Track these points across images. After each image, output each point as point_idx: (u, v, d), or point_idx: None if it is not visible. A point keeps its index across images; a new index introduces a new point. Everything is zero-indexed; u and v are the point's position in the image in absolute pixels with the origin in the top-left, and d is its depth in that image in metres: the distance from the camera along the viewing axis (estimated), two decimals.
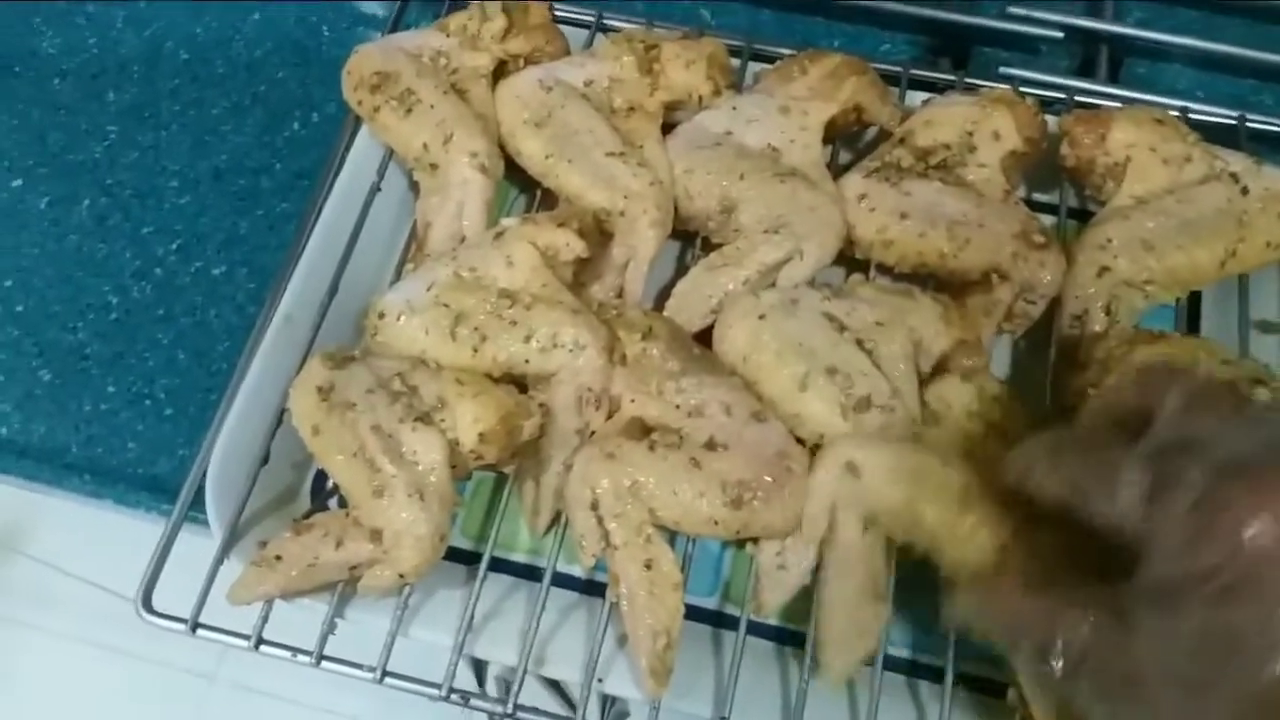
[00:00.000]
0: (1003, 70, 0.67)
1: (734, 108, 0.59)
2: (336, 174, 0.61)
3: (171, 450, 0.60)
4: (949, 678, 0.48)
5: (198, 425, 0.59)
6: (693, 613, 0.51)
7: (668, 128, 0.60)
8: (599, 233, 0.57)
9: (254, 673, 1.35)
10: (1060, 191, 0.61)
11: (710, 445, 0.49)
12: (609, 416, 0.52)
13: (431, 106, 0.59)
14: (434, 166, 0.59)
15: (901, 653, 0.52)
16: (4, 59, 0.74)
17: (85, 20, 0.75)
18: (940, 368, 0.51)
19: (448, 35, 0.63)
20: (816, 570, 0.49)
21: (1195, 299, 0.59)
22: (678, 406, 0.51)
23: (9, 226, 0.68)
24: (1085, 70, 0.69)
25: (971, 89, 0.62)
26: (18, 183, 0.69)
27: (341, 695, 1.25)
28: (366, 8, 0.76)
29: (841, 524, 0.48)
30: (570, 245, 0.54)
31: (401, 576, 0.48)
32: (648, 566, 0.48)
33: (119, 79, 0.73)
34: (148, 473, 0.60)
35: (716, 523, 0.48)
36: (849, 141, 0.63)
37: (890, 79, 0.62)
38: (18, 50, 0.74)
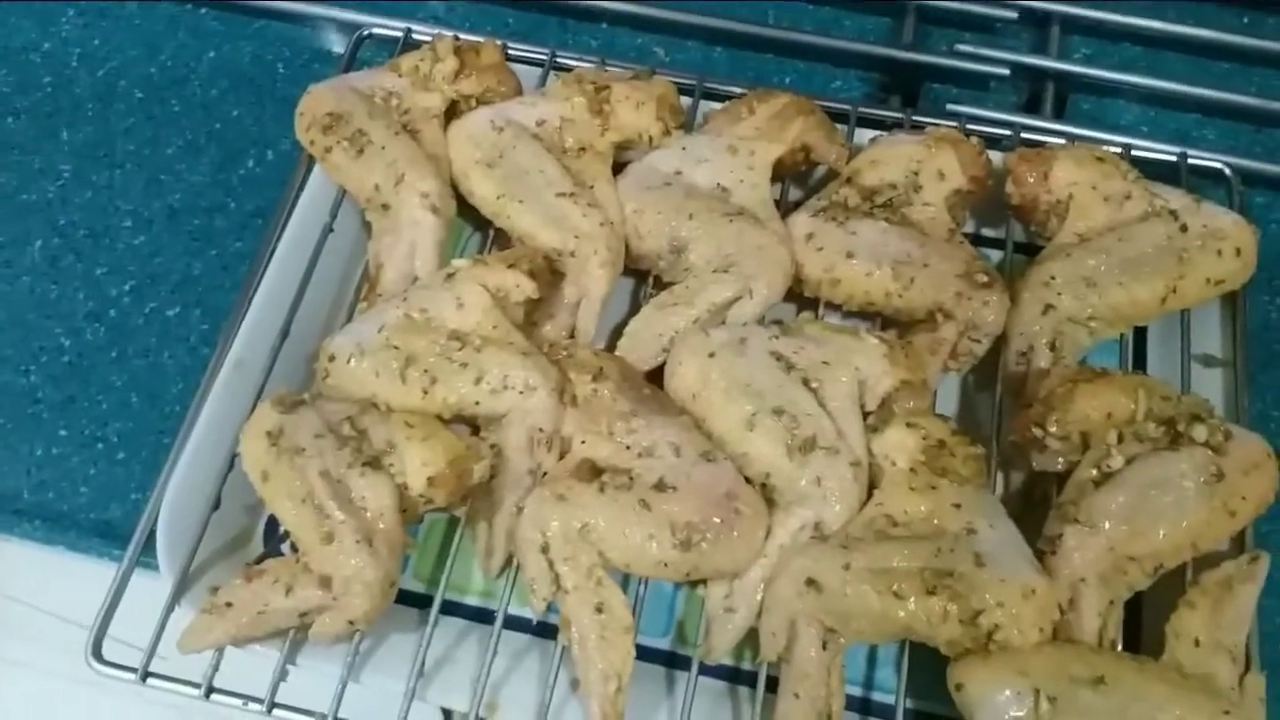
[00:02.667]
0: (950, 107, 0.67)
1: (684, 148, 0.60)
2: (290, 214, 0.61)
3: (124, 495, 0.60)
4: None
5: (151, 469, 0.58)
6: (646, 654, 0.51)
7: (619, 167, 0.61)
8: (551, 273, 0.57)
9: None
10: (1007, 227, 0.61)
11: (660, 486, 0.49)
12: (561, 457, 0.53)
13: (383, 147, 0.59)
14: (386, 207, 0.59)
15: None
16: None
17: (40, 59, 0.75)
18: (885, 407, 0.52)
19: (400, 75, 0.63)
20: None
21: (1142, 334, 0.60)
22: (628, 447, 0.51)
23: None
24: (1032, 106, 0.70)
25: (919, 127, 0.63)
26: None
27: None
28: (323, 43, 0.75)
29: (801, 639, 0.47)
30: (520, 286, 0.55)
31: (352, 623, 0.48)
32: (599, 610, 0.48)
33: (73, 118, 0.73)
34: (100, 518, 0.59)
35: (666, 565, 0.48)
36: (799, 179, 0.64)
37: (839, 117, 0.63)
38: None
